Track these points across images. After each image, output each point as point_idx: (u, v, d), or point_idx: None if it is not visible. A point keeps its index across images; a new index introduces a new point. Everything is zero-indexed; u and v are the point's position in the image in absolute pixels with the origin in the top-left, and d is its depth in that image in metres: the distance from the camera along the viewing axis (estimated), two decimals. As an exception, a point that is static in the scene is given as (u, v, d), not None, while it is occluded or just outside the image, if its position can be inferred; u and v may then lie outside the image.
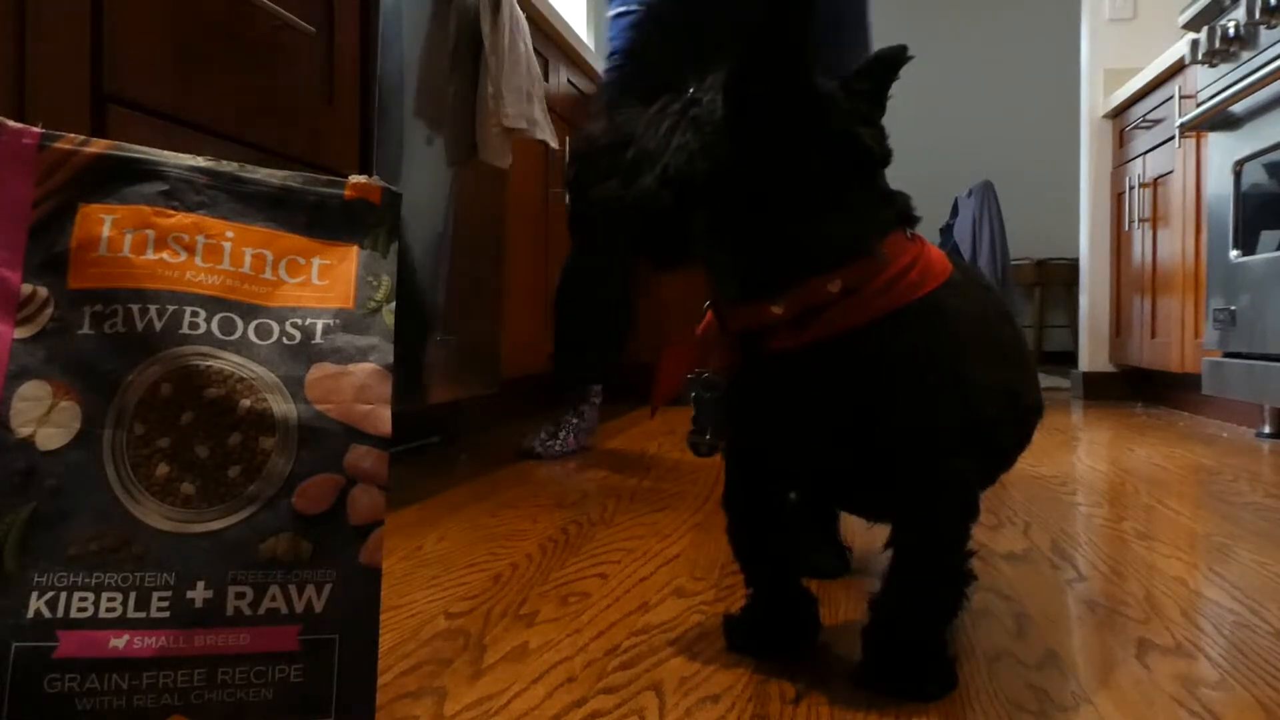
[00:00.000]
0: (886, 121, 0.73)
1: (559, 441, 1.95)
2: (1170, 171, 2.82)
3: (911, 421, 0.69)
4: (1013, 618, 0.88)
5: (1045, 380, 4.27)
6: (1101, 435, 2.41)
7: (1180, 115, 2.62)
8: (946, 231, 4.33)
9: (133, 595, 0.49)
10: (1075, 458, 2.01)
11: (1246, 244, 2.26)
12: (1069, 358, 4.26)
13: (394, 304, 0.58)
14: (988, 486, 0.85)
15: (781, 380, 0.71)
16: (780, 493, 0.80)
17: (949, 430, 0.70)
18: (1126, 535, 1.25)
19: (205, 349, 0.53)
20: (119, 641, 0.48)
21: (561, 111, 2.57)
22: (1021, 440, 0.84)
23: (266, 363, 0.54)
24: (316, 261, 0.58)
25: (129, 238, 0.54)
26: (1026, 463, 1.89)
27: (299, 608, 0.51)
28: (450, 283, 1.80)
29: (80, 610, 0.48)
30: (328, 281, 0.57)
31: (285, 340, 0.55)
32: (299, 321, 0.56)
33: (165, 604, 0.49)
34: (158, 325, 0.52)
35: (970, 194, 4.49)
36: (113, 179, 0.54)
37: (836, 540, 1.07)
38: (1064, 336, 5.42)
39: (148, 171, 0.55)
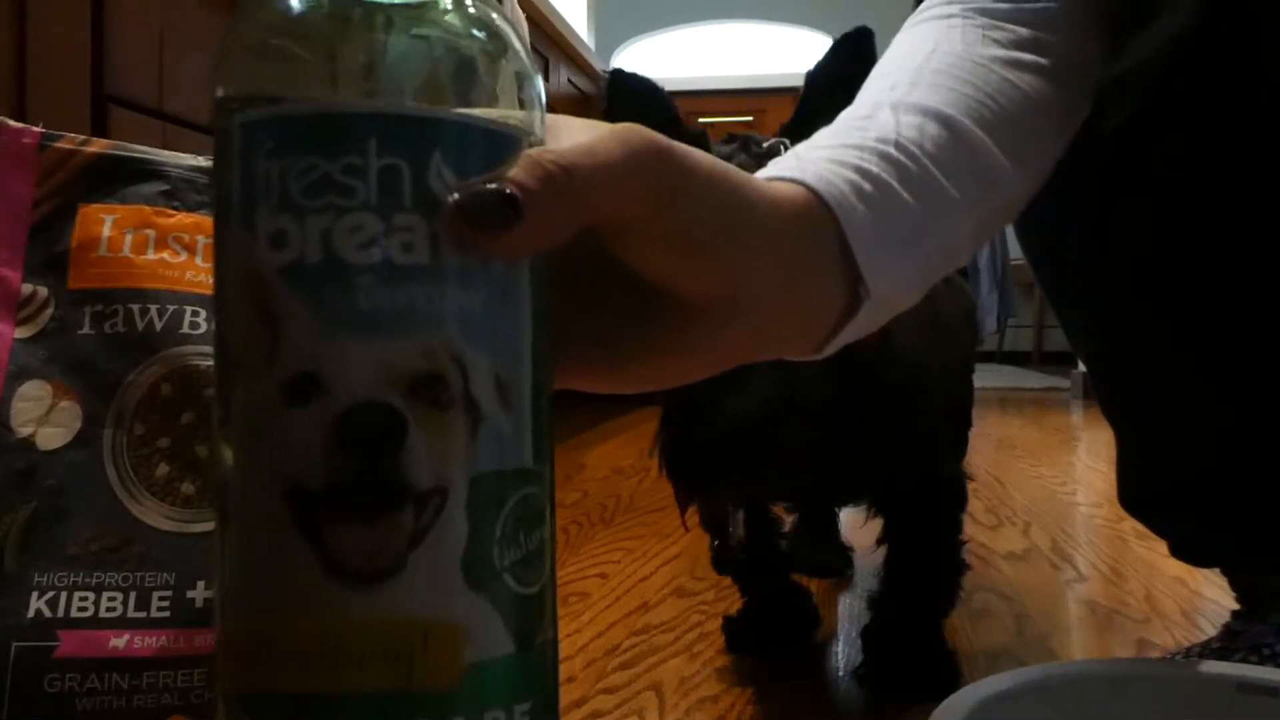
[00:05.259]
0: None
1: None
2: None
3: (918, 429, 0.69)
4: (1013, 618, 0.88)
5: (1045, 380, 4.27)
6: (1101, 435, 2.41)
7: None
8: (946, 231, 4.32)
9: (133, 595, 0.49)
10: (1075, 458, 2.01)
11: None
12: (1069, 358, 4.25)
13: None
14: None
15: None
16: (761, 505, 0.79)
17: (946, 432, 0.72)
18: (1126, 535, 1.25)
19: (206, 349, 0.53)
20: (119, 641, 0.48)
21: (561, 112, 2.56)
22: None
23: (267, 362, 0.54)
24: (317, 261, 0.58)
25: (129, 238, 0.54)
26: (1026, 463, 1.89)
27: (299, 607, 0.51)
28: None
29: (80, 610, 0.48)
30: (328, 281, 0.57)
31: (285, 340, 0.55)
32: (299, 321, 0.56)
33: (166, 604, 0.49)
34: (158, 325, 0.52)
35: (970, 194, 4.47)
36: (113, 179, 0.54)
37: (837, 540, 1.07)
38: (1064, 336, 5.42)
39: (148, 171, 0.55)
